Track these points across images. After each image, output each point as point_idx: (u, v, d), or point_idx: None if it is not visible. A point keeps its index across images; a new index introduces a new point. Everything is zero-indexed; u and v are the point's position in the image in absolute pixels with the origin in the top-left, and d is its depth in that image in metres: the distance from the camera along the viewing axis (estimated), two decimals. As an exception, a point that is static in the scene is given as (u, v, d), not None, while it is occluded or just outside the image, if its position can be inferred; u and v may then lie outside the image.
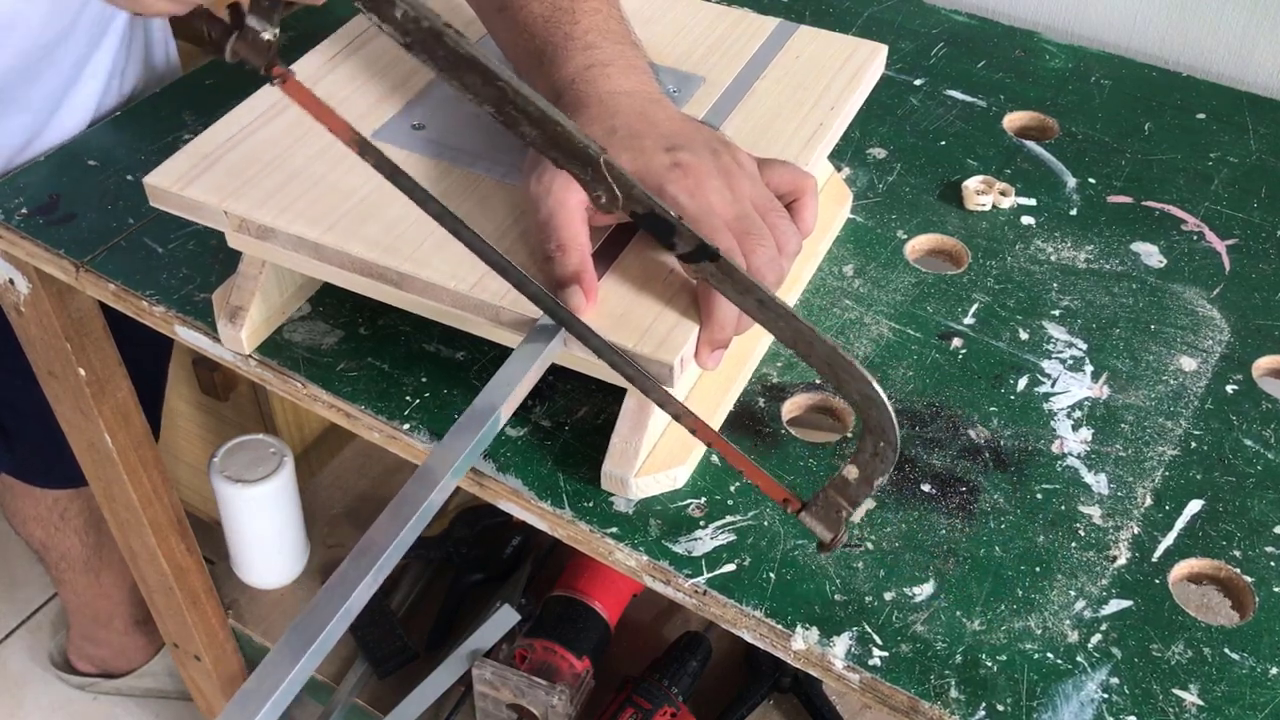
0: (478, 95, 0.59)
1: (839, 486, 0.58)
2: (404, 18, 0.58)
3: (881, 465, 0.56)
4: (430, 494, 0.55)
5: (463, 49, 0.57)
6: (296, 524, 1.25)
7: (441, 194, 0.70)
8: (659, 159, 0.65)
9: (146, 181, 0.71)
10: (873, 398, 0.55)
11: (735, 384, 0.73)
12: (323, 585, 0.51)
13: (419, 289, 0.66)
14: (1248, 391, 0.75)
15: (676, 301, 0.65)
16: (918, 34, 1.08)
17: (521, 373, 0.62)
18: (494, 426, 0.60)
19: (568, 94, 0.69)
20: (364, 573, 0.51)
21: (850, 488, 0.58)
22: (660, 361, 0.62)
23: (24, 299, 0.91)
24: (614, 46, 0.71)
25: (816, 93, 0.79)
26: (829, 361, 0.57)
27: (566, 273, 0.63)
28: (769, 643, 0.62)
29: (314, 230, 0.68)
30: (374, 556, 0.52)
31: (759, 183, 0.68)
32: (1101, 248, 0.85)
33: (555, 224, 0.64)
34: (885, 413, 0.55)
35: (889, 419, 0.55)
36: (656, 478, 0.67)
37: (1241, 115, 0.98)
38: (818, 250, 0.82)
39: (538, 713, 1.08)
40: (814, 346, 0.57)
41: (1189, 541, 0.66)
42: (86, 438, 1.03)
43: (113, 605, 1.43)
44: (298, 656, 0.48)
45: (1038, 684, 0.59)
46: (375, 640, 1.24)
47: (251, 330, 0.75)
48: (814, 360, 0.57)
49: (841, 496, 0.58)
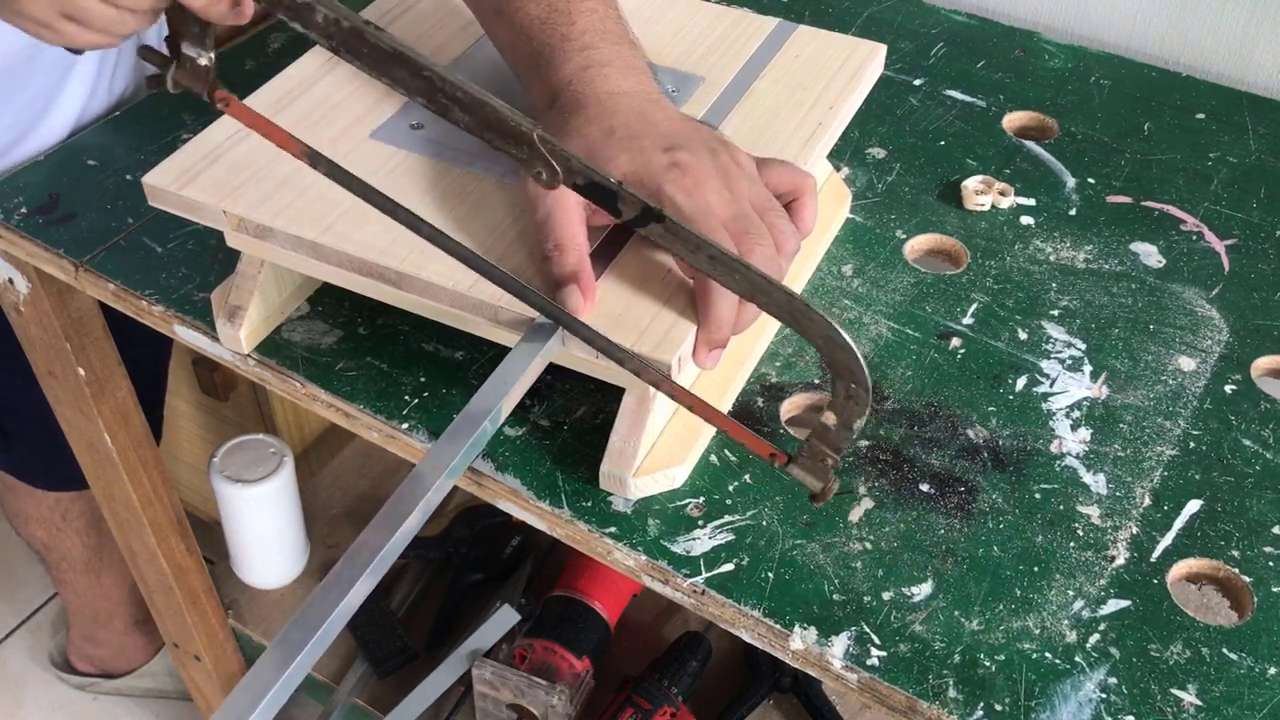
0: (407, 88, 0.59)
1: (820, 434, 0.58)
2: (325, 21, 0.58)
3: (856, 408, 0.56)
4: (427, 493, 0.55)
5: (384, 44, 0.58)
6: (296, 524, 1.25)
7: (440, 194, 0.71)
8: (657, 159, 0.65)
9: (145, 181, 0.71)
10: (835, 339, 0.55)
11: (733, 383, 0.73)
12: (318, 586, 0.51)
13: (418, 289, 0.66)
14: (1246, 391, 0.75)
15: (674, 301, 0.65)
16: (917, 34, 1.08)
17: (519, 371, 0.61)
18: (493, 424, 0.60)
19: (565, 95, 0.69)
20: (358, 574, 0.51)
21: (831, 434, 0.58)
22: (658, 360, 0.62)
23: (24, 299, 0.91)
24: (611, 47, 0.71)
25: (815, 92, 0.79)
26: (788, 309, 0.57)
27: (564, 272, 0.64)
28: (767, 642, 0.62)
29: (312, 230, 0.68)
30: (368, 558, 0.52)
31: (758, 182, 0.67)
32: (1101, 248, 0.85)
33: (553, 224, 0.64)
34: (851, 354, 0.55)
35: (856, 360, 0.55)
36: (655, 477, 0.67)
37: (1241, 115, 0.98)
38: (816, 250, 0.82)
39: (538, 713, 1.08)
40: (772, 295, 0.57)
41: (1187, 541, 0.66)
42: (86, 438, 1.03)
43: (113, 605, 1.43)
44: (290, 659, 0.48)
45: (1036, 684, 0.59)
46: (375, 640, 1.24)
47: (250, 329, 0.75)
48: (774, 309, 0.57)
49: (824, 444, 0.58)
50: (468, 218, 0.69)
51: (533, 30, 0.72)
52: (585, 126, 0.67)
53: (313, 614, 0.50)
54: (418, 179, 0.72)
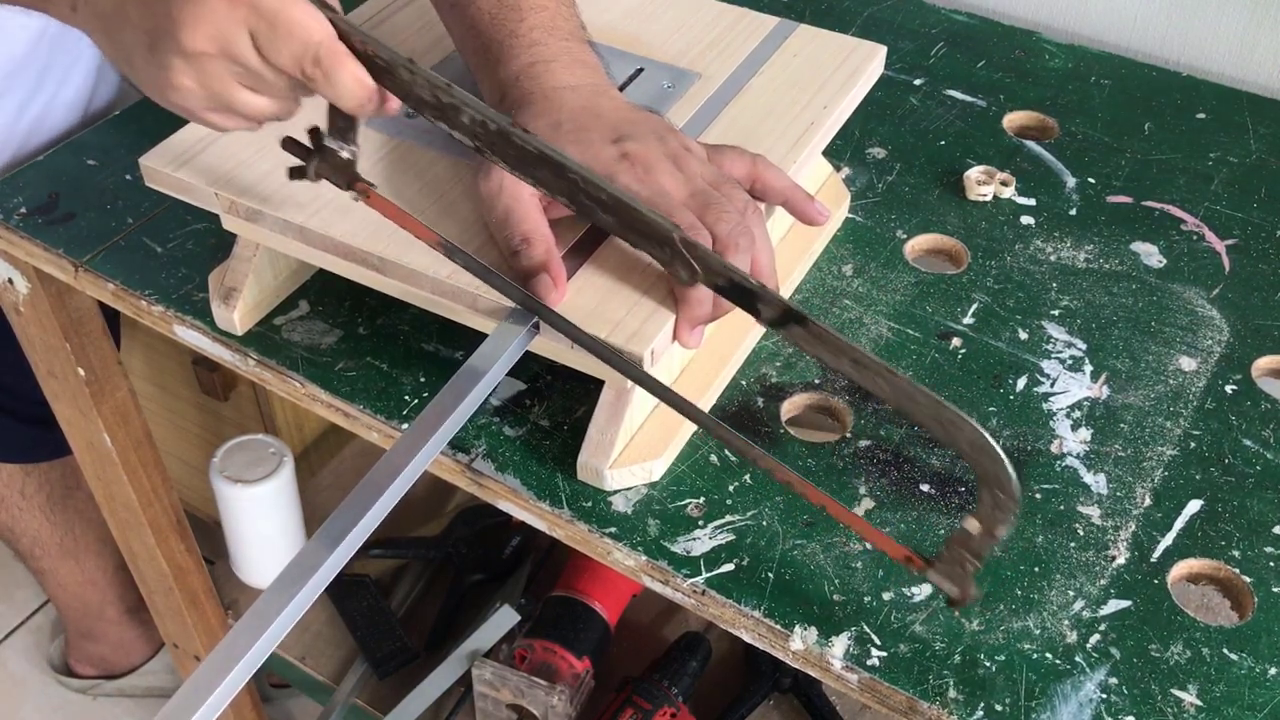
0: (550, 188, 0.61)
1: (962, 541, 0.57)
2: (471, 122, 0.60)
3: (1001, 515, 0.55)
4: (401, 472, 0.57)
5: (530, 145, 0.60)
6: (296, 524, 1.25)
7: (430, 182, 0.72)
8: (607, 151, 0.66)
9: (142, 162, 0.72)
10: (983, 447, 0.54)
11: (717, 380, 0.72)
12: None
13: (401, 275, 0.67)
14: (1247, 391, 0.74)
15: (653, 293, 0.66)
16: (918, 34, 1.08)
17: (496, 355, 0.63)
18: (471, 405, 0.61)
19: (512, 91, 0.70)
20: (323, 558, 0.52)
21: (973, 541, 0.56)
22: (631, 353, 0.62)
23: (23, 299, 0.91)
24: (560, 43, 0.72)
25: (811, 92, 0.79)
26: (936, 417, 0.55)
27: (534, 264, 0.64)
28: (767, 643, 0.62)
29: (300, 214, 0.69)
30: (338, 537, 0.53)
31: (708, 165, 0.68)
32: (1101, 247, 0.85)
33: (514, 219, 0.65)
34: (1000, 463, 0.54)
35: (1004, 469, 0.53)
36: (632, 470, 0.67)
37: (1241, 115, 0.98)
38: (813, 249, 0.82)
39: (538, 713, 1.08)
40: (916, 401, 0.55)
41: (1188, 541, 0.66)
42: (86, 437, 1.03)
43: (101, 592, 1.41)
44: (253, 639, 0.50)
45: (1036, 684, 0.59)
46: (375, 640, 1.24)
47: (244, 312, 0.76)
48: (918, 415, 0.56)
49: (965, 550, 0.57)
50: (455, 205, 0.71)
51: (483, 25, 0.73)
52: (532, 122, 0.67)
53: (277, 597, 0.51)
54: (409, 166, 0.73)
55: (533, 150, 0.60)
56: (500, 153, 0.60)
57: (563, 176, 0.60)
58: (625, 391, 0.66)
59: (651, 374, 0.63)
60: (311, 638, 1.27)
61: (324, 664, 1.25)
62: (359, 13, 0.86)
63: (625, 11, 0.86)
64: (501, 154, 0.60)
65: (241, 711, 1.36)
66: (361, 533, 0.54)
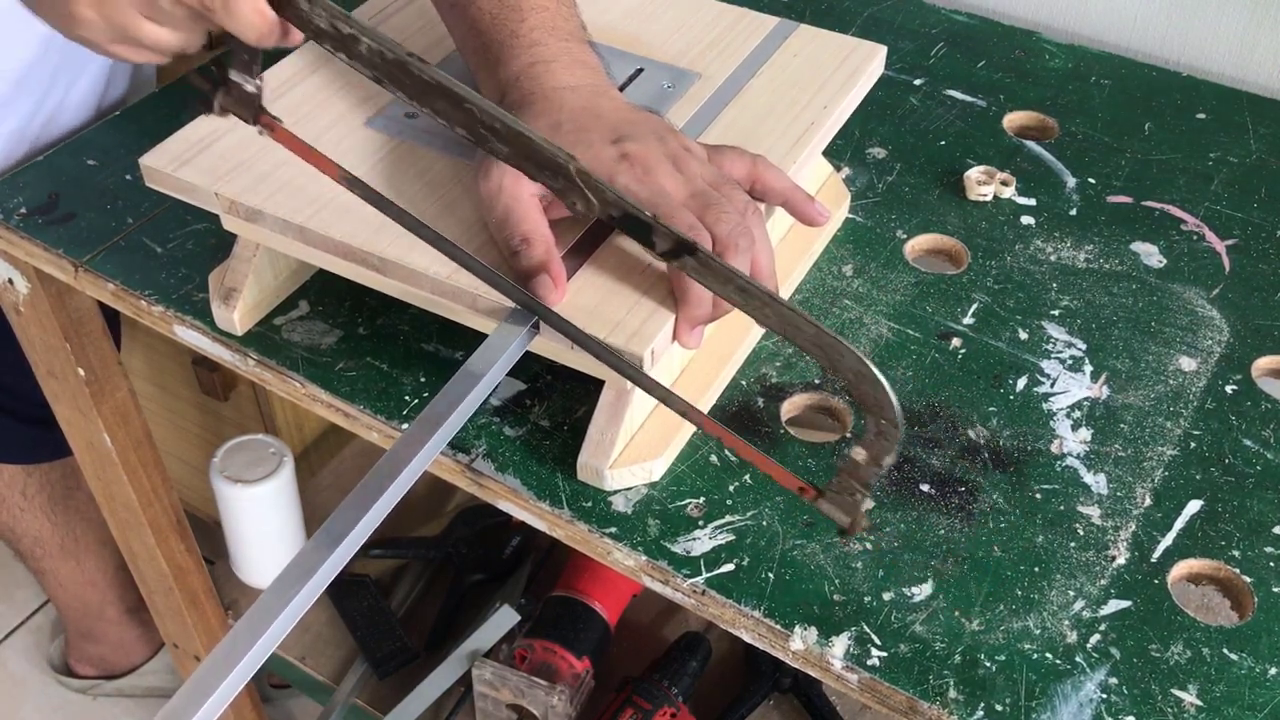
0: (449, 118, 0.61)
1: (849, 470, 0.58)
2: (369, 52, 0.60)
3: (886, 444, 0.56)
4: (401, 472, 0.56)
5: (427, 75, 0.60)
6: (296, 524, 1.25)
7: (429, 182, 0.72)
8: (607, 152, 0.66)
9: (142, 162, 0.72)
10: (865, 374, 0.55)
11: (717, 380, 0.72)
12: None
13: (401, 275, 0.67)
14: (1247, 391, 0.74)
15: (653, 293, 0.66)
16: (918, 34, 1.08)
17: (496, 355, 0.63)
18: (471, 405, 0.61)
19: (512, 92, 0.70)
20: (323, 558, 0.52)
21: (860, 470, 0.57)
22: (631, 353, 0.62)
23: (23, 299, 0.91)
24: (560, 43, 0.72)
25: (811, 92, 0.79)
26: (818, 343, 0.57)
27: (534, 264, 0.64)
28: (767, 643, 0.62)
29: (300, 214, 0.69)
30: (338, 537, 0.53)
31: (708, 165, 0.68)
32: (1101, 248, 0.85)
33: (514, 218, 0.65)
34: (881, 390, 0.55)
35: (886, 395, 0.55)
36: (632, 470, 0.67)
37: (1241, 115, 0.98)
38: (813, 249, 0.82)
39: (538, 713, 1.08)
40: (801, 329, 0.57)
41: (1188, 542, 0.66)
42: (86, 437, 1.03)
43: (101, 593, 1.42)
44: (253, 640, 0.49)
45: (1036, 684, 0.59)
46: (375, 640, 1.24)
47: (244, 312, 0.76)
48: (803, 343, 0.57)
49: (854, 479, 0.58)
50: (455, 205, 0.71)
51: (483, 25, 0.73)
52: (532, 122, 0.67)
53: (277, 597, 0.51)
54: (409, 166, 0.73)
55: (430, 80, 0.59)
56: (399, 84, 0.60)
57: (459, 107, 0.60)
58: (625, 392, 0.66)
59: (651, 374, 0.63)
60: (311, 638, 1.27)
61: (324, 664, 1.25)
62: (359, 13, 0.86)
63: (625, 11, 0.86)
64: (400, 85, 0.60)
65: (241, 711, 1.37)
66: (361, 533, 0.54)
